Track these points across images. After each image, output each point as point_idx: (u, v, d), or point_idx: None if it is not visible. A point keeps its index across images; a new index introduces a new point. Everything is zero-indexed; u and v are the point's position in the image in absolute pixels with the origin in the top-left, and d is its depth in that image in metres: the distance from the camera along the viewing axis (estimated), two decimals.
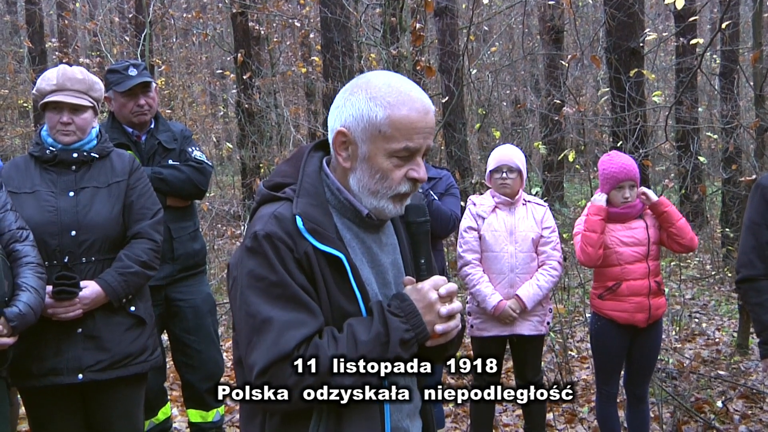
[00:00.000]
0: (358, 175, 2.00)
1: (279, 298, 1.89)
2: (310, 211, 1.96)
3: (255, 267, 1.92)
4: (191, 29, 18.94)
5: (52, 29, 23.15)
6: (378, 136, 1.95)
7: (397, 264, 2.15)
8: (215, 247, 11.64)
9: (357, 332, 1.91)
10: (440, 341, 2.03)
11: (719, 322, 8.68)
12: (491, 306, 4.69)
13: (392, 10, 10.28)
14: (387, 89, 1.96)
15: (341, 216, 2.05)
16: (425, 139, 1.98)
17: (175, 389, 6.29)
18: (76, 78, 3.62)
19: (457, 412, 6.01)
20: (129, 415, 3.68)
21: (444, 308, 1.98)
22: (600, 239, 4.55)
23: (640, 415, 4.85)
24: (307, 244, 1.93)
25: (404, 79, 2.02)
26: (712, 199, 13.56)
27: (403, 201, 2.03)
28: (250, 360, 1.88)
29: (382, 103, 1.94)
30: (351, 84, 2.03)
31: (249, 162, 14.05)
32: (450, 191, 4.65)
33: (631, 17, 10.06)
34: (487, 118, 12.72)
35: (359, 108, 1.96)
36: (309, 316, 1.90)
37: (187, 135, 4.70)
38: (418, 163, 2.00)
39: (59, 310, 3.38)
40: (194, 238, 4.66)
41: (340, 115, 2.00)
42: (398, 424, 2.08)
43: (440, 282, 2.01)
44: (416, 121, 1.95)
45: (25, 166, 3.62)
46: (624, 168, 4.54)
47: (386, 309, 1.96)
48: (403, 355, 1.93)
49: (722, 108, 11.52)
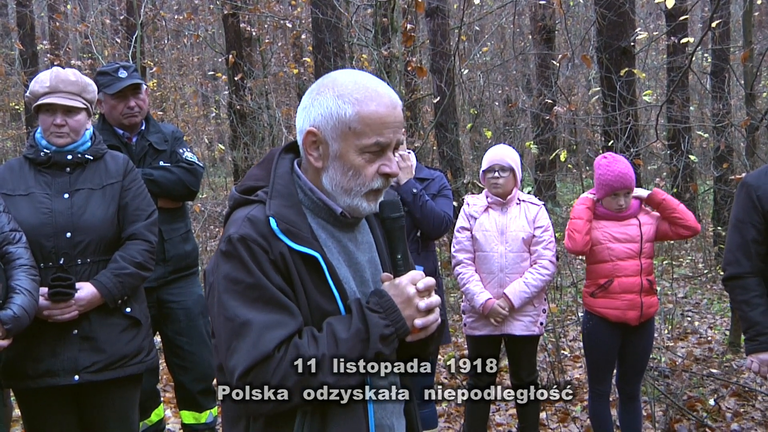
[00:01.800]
0: (331, 173, 2.01)
1: (257, 300, 1.90)
2: (283, 212, 1.97)
3: (231, 271, 1.92)
4: (183, 31, 18.93)
5: (44, 31, 23.09)
6: (348, 132, 1.96)
7: (374, 262, 2.16)
8: (207, 249, 11.62)
9: (337, 330, 1.91)
10: (420, 336, 2.04)
11: (711, 321, 8.71)
12: (479, 304, 4.70)
13: (383, 11, 10.27)
14: (354, 86, 1.97)
15: (315, 216, 2.06)
16: (395, 134, 1.99)
17: (168, 391, 6.28)
18: (69, 80, 3.61)
19: (450, 412, 6.01)
20: (124, 416, 3.68)
21: (422, 302, 1.98)
22: (586, 226, 4.57)
23: (633, 413, 4.86)
24: (282, 245, 1.93)
25: (370, 75, 2.04)
26: (704, 197, 13.59)
27: (377, 197, 2.04)
28: (231, 363, 1.88)
29: (350, 100, 1.95)
30: (317, 84, 2.04)
31: (241, 163, 14.04)
32: (443, 192, 4.66)
33: (621, 16, 10.08)
34: (478, 118, 12.73)
35: (327, 107, 1.97)
36: (288, 317, 1.90)
37: (178, 136, 4.69)
38: (389, 158, 2.01)
39: (55, 312, 3.38)
40: (186, 240, 4.65)
41: (309, 115, 2.01)
42: (382, 421, 2.08)
43: (417, 277, 2.02)
44: (385, 115, 1.96)
45: (20, 169, 3.62)
46: (620, 177, 4.52)
47: (365, 306, 1.97)
48: (384, 350, 1.94)
49: (713, 106, 11.57)
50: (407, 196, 4.29)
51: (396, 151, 2.05)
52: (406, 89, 12.32)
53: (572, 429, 5.64)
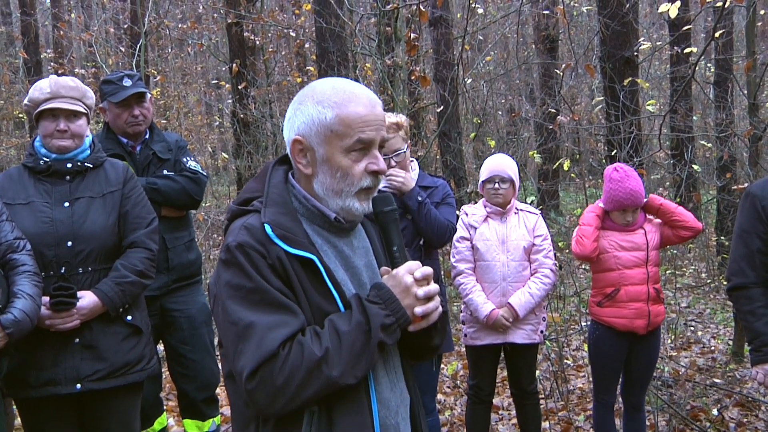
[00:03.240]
0: (321, 178, 2.07)
1: (258, 303, 1.94)
2: (278, 218, 2.02)
3: (231, 278, 1.97)
4: (186, 39, 18.99)
5: (48, 40, 23.18)
6: (331, 135, 2.03)
7: (372, 266, 2.20)
8: (211, 257, 11.63)
9: (338, 325, 1.96)
10: (422, 325, 2.07)
11: (715, 330, 8.69)
12: (483, 315, 4.69)
13: (387, 20, 10.32)
14: (332, 91, 2.05)
15: (311, 223, 2.11)
16: (377, 131, 2.05)
17: (171, 399, 6.28)
18: (70, 85, 3.64)
19: (453, 422, 6.00)
20: (126, 424, 3.68)
21: (421, 290, 2.03)
22: (594, 233, 4.59)
23: (637, 423, 4.84)
24: (278, 250, 1.98)
25: (347, 80, 2.10)
26: (707, 207, 13.58)
27: (368, 196, 2.09)
28: (239, 366, 1.92)
29: (329, 104, 2.03)
30: (298, 95, 2.12)
31: (244, 172, 14.05)
32: (446, 201, 4.64)
33: (625, 26, 10.09)
34: (482, 127, 12.76)
35: (309, 114, 2.05)
36: (290, 316, 1.95)
37: (181, 145, 4.70)
38: (375, 155, 2.07)
39: (57, 321, 3.38)
40: (189, 248, 4.66)
41: (293, 125, 2.09)
42: (386, 421, 2.11)
43: (414, 266, 2.06)
44: (364, 114, 2.03)
45: (19, 177, 3.62)
46: (631, 195, 4.52)
47: (364, 299, 2.01)
48: (386, 340, 1.99)
49: (716, 116, 11.58)
50: (413, 204, 4.29)
51: (382, 148, 2.10)
52: (410, 98, 12.35)
53: None
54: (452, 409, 6.35)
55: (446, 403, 6.48)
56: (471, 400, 4.98)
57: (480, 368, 4.92)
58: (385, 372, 2.14)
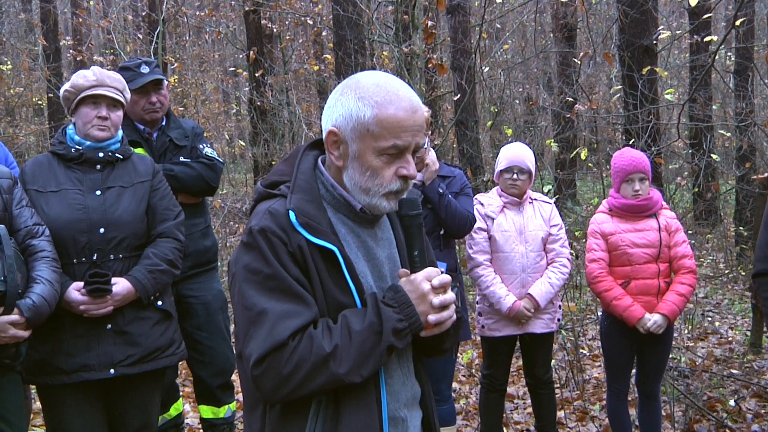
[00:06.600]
0: (350, 173, 2.06)
1: (274, 290, 1.95)
2: (303, 206, 2.02)
3: (250, 261, 1.98)
4: (204, 27, 19.00)
5: (66, 27, 23.28)
6: (366, 134, 2.00)
7: (393, 258, 2.19)
8: (227, 244, 11.67)
9: (351, 322, 1.96)
10: (434, 332, 2.07)
11: (732, 321, 8.64)
12: (506, 307, 4.68)
13: (404, 8, 10.28)
14: (375, 89, 2.01)
15: (336, 211, 2.10)
16: (414, 137, 2.02)
17: (187, 385, 6.32)
18: (113, 77, 3.71)
19: (468, 410, 6.01)
20: (146, 407, 3.72)
21: (437, 299, 2.02)
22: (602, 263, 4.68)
23: (652, 413, 4.83)
24: (300, 238, 1.98)
25: (393, 78, 2.07)
26: (726, 197, 13.50)
27: (397, 198, 2.08)
28: (247, 351, 1.94)
29: (370, 102, 1.99)
30: (342, 85, 2.08)
31: (261, 159, 14.08)
32: (464, 191, 4.63)
33: (644, 14, 10.03)
34: (499, 116, 12.71)
35: (348, 108, 2.02)
36: (303, 307, 1.95)
37: (198, 132, 4.71)
38: (407, 160, 2.04)
39: (91, 307, 3.43)
40: (205, 235, 4.67)
41: (332, 115, 2.06)
42: (395, 413, 2.11)
43: (433, 273, 2.05)
44: (403, 119, 1.99)
45: (48, 165, 3.66)
46: (633, 161, 4.56)
47: (380, 300, 2.01)
48: (396, 344, 1.98)
49: (736, 105, 11.49)
50: (433, 196, 4.29)
51: (416, 154, 2.07)
52: (427, 86, 12.32)
53: (590, 428, 5.62)
54: (467, 397, 6.35)
55: (461, 391, 6.49)
56: (484, 389, 4.98)
57: (495, 359, 4.92)
58: (398, 365, 2.14)
